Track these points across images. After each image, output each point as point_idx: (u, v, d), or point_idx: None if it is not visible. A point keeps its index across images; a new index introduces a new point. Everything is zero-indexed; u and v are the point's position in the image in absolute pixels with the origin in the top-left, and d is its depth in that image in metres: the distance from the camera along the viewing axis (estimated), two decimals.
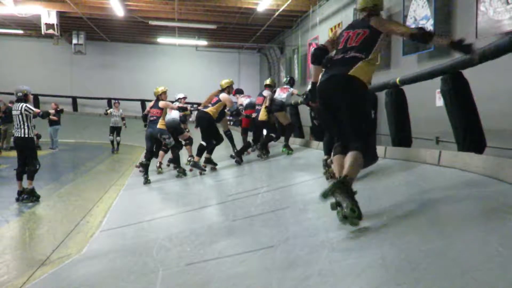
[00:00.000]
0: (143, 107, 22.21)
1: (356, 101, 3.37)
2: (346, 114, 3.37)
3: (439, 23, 7.85)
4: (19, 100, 7.17)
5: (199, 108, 8.82)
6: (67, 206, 6.45)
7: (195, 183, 7.56)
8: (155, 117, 8.33)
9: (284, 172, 6.73)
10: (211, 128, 8.13)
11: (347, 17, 12.25)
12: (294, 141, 9.61)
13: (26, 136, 7.00)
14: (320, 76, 3.59)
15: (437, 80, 5.05)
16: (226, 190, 6.32)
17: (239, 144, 9.03)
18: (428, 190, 3.72)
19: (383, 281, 2.20)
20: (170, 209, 5.55)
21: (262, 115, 8.64)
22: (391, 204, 3.47)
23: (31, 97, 7.54)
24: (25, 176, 6.93)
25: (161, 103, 8.39)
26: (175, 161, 8.59)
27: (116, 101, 16.55)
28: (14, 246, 4.50)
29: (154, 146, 8.80)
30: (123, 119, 15.48)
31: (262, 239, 3.40)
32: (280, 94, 9.04)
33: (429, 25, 7.92)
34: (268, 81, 9.30)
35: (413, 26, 8.37)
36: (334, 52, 3.68)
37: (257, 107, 8.90)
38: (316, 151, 7.61)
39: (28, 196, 6.75)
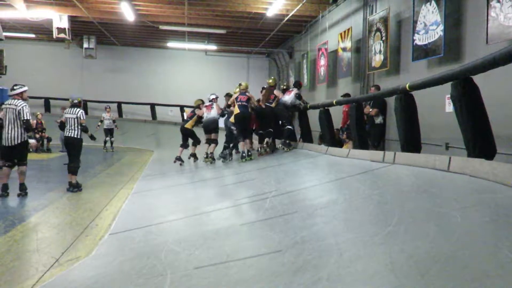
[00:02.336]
0: (153, 111, 22.34)
1: None
2: None
3: (449, 29, 7.82)
4: (74, 105, 8.45)
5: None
6: (76, 209, 6.48)
7: (203, 187, 7.58)
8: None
9: (293, 177, 6.72)
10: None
11: (357, 22, 12.24)
12: (303, 146, 9.61)
13: (77, 137, 8.30)
14: None
15: (447, 86, 5.03)
16: (234, 194, 6.32)
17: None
18: (438, 196, 3.70)
19: (393, 287, 2.19)
20: (178, 213, 5.56)
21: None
22: (400, 209, 3.46)
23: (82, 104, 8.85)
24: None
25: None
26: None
27: (108, 106, 18.18)
28: (24, 248, 4.52)
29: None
30: (114, 121, 17.27)
31: (270, 243, 3.40)
32: (285, 97, 10.09)
33: (439, 31, 7.90)
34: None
35: (421, 32, 8.35)
36: None
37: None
38: (325, 156, 7.60)
39: (77, 189, 7.99)
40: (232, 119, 10.33)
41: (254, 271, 2.91)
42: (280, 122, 10.47)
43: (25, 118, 7.39)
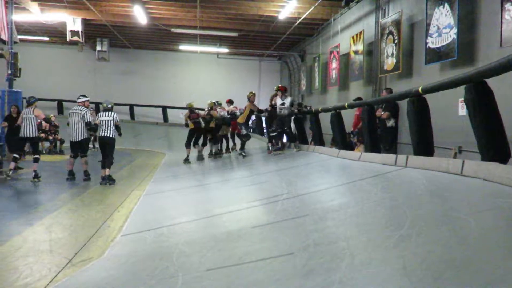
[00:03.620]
0: (164, 113, 22.42)
1: None
2: None
3: (462, 32, 7.77)
4: (108, 110, 9.70)
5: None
6: (89, 210, 6.52)
7: (215, 189, 7.59)
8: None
9: (304, 180, 6.71)
10: None
11: (369, 25, 12.21)
12: (315, 149, 9.59)
13: (112, 136, 9.51)
14: None
15: (460, 89, 5.00)
16: (246, 196, 6.32)
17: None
18: (451, 199, 3.67)
19: None
20: (190, 215, 5.58)
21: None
22: (412, 213, 3.43)
23: None
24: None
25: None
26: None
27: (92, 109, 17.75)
28: (37, 248, 4.56)
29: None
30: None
31: (282, 246, 3.40)
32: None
33: (452, 34, 7.85)
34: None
35: (435, 35, 8.31)
36: None
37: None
38: (337, 159, 7.57)
39: (112, 182, 9.10)
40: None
41: (265, 273, 2.90)
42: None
43: (88, 121, 9.61)
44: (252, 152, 12.31)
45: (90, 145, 13.89)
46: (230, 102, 14.00)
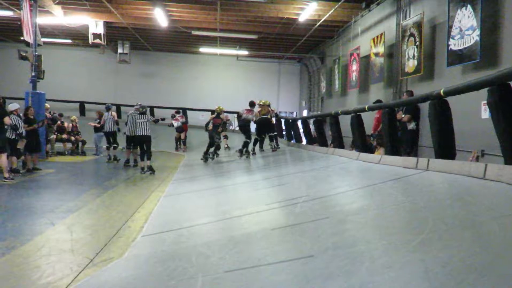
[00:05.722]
0: (184, 115, 22.52)
1: None
2: None
3: (485, 34, 7.66)
4: (143, 113, 11.81)
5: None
6: (109, 211, 6.60)
7: (234, 191, 7.61)
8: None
9: (324, 182, 6.68)
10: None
11: (390, 27, 12.12)
12: (334, 152, 9.54)
13: (149, 134, 11.74)
14: None
15: (483, 92, 4.92)
16: (264, 199, 6.32)
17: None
18: (473, 203, 3.61)
19: None
20: (209, 217, 5.59)
21: None
22: (433, 217, 3.39)
23: None
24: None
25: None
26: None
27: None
28: (59, 248, 4.63)
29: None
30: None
31: (301, 248, 3.39)
32: (247, 115, 13.34)
33: (475, 36, 7.74)
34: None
35: (457, 37, 8.21)
36: None
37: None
38: (356, 162, 7.52)
39: (152, 171, 11.39)
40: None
41: (285, 276, 2.90)
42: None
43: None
44: (269, 153, 12.32)
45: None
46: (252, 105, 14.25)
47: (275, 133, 13.52)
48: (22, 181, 9.38)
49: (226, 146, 16.75)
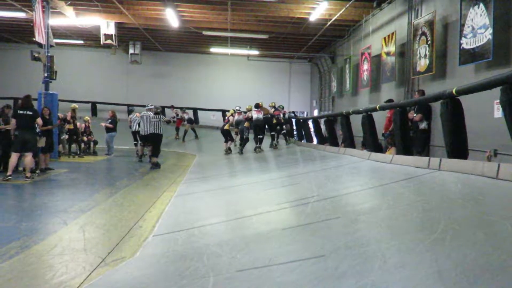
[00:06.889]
0: (195, 115, 22.64)
1: None
2: None
3: (498, 32, 7.59)
4: (157, 113, 12.97)
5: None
6: (121, 210, 6.63)
7: (245, 191, 7.61)
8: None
9: (335, 182, 6.67)
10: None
11: (401, 26, 12.05)
12: (345, 151, 9.52)
13: (160, 132, 12.92)
14: None
15: (495, 91, 4.88)
16: (276, 198, 6.31)
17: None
18: (486, 203, 3.59)
19: None
20: (220, 216, 5.60)
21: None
22: (446, 216, 3.37)
23: None
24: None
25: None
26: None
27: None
28: (72, 247, 4.66)
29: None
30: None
31: (313, 248, 3.38)
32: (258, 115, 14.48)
33: (488, 34, 7.68)
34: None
35: (469, 35, 8.15)
36: None
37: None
38: (368, 161, 7.50)
39: (158, 167, 12.38)
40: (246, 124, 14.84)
41: (297, 275, 2.90)
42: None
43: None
44: (283, 152, 12.32)
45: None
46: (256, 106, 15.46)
47: (275, 132, 15.21)
48: (35, 181, 9.47)
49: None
